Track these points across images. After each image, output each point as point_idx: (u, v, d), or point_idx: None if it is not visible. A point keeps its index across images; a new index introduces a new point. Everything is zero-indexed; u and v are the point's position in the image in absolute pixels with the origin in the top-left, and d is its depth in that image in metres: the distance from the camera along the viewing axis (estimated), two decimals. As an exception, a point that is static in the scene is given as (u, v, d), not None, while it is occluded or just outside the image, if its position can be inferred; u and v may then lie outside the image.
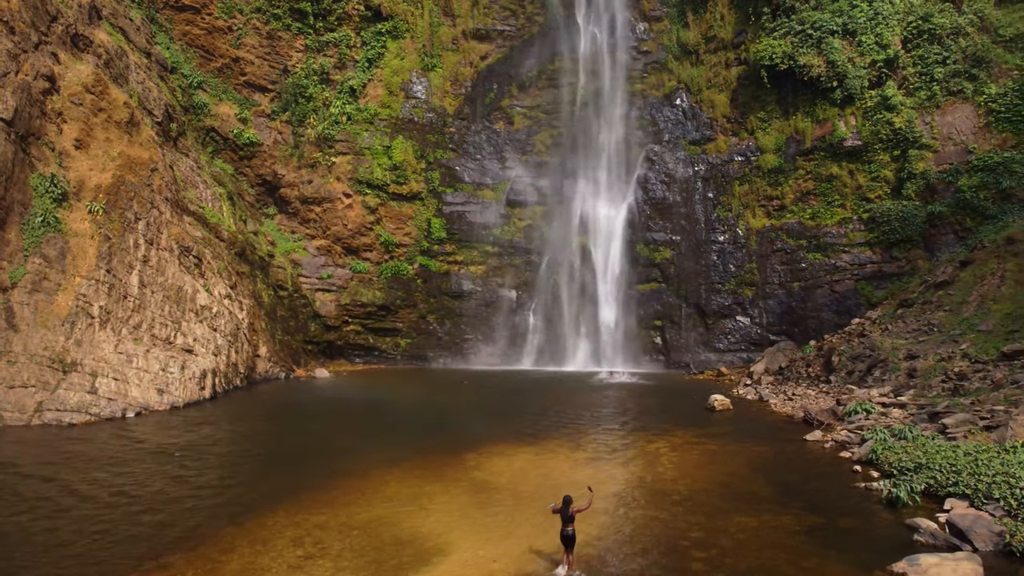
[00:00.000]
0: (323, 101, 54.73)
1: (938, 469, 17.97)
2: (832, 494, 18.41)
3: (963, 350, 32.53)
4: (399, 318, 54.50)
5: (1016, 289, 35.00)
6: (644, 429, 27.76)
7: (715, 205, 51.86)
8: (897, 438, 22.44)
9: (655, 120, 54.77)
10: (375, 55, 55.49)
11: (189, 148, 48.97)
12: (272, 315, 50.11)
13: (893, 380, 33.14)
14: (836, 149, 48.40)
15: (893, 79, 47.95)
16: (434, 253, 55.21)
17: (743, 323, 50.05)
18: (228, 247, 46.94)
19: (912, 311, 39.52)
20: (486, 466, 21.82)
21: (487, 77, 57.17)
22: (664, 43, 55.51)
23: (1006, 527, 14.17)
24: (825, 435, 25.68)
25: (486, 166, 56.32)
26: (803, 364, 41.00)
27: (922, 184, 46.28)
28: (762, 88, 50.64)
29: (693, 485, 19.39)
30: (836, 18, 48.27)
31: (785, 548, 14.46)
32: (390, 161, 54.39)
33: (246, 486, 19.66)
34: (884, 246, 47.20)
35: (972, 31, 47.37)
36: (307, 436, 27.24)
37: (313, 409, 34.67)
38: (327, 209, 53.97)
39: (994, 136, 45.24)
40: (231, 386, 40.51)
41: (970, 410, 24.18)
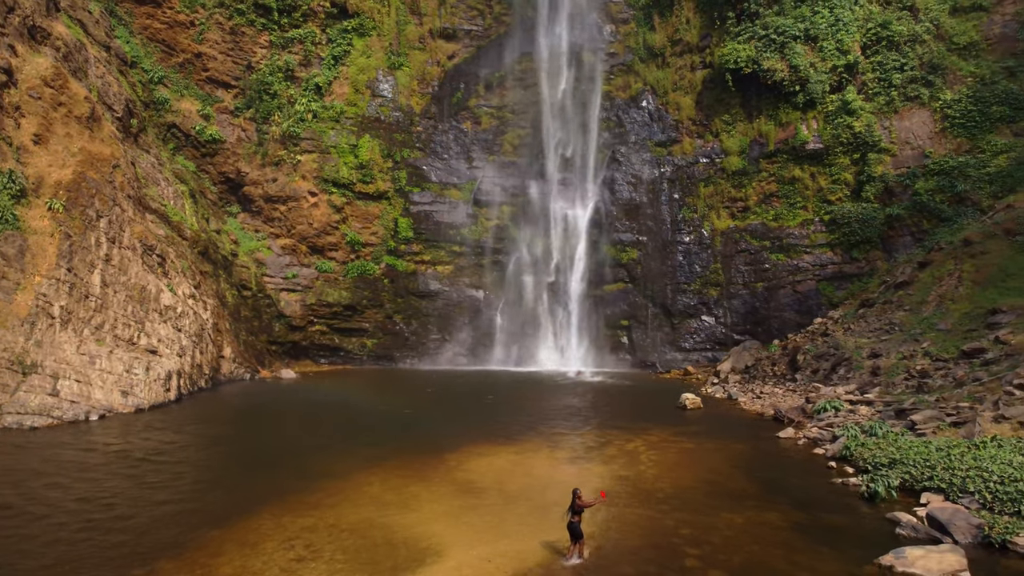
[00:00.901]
0: (288, 98, 53.99)
1: (912, 464, 18.47)
2: (812, 490, 18.78)
3: (924, 349, 33.46)
4: (365, 318, 54.04)
5: (973, 289, 36.12)
6: (620, 428, 27.96)
7: (681, 206, 52.50)
8: (867, 435, 23.01)
9: (622, 121, 55.24)
10: (341, 53, 54.93)
11: (150, 144, 47.87)
12: (236, 315, 49.26)
13: (858, 378, 33.94)
14: (798, 152, 49.36)
15: (853, 84, 49.10)
16: (401, 253, 54.87)
17: (708, 323, 50.76)
18: (191, 246, 46.00)
19: (873, 311, 40.51)
20: (468, 466, 21.76)
21: (454, 76, 57.02)
22: (631, 45, 56.01)
23: (984, 520, 14.62)
24: (797, 432, 26.21)
25: (453, 166, 56.18)
26: (769, 363, 41.74)
27: (881, 187, 47.45)
28: (727, 91, 51.42)
29: (676, 483, 19.60)
30: (798, 24, 49.24)
31: (775, 544, 14.71)
32: (356, 160, 53.89)
33: (224, 490, 19.29)
34: (844, 247, 48.28)
35: (928, 39, 48.77)
36: (281, 438, 26.87)
37: (283, 411, 34.19)
38: (292, 208, 53.25)
39: (949, 141, 46.61)
40: (196, 388, 39.72)
41: (936, 407, 24.90)
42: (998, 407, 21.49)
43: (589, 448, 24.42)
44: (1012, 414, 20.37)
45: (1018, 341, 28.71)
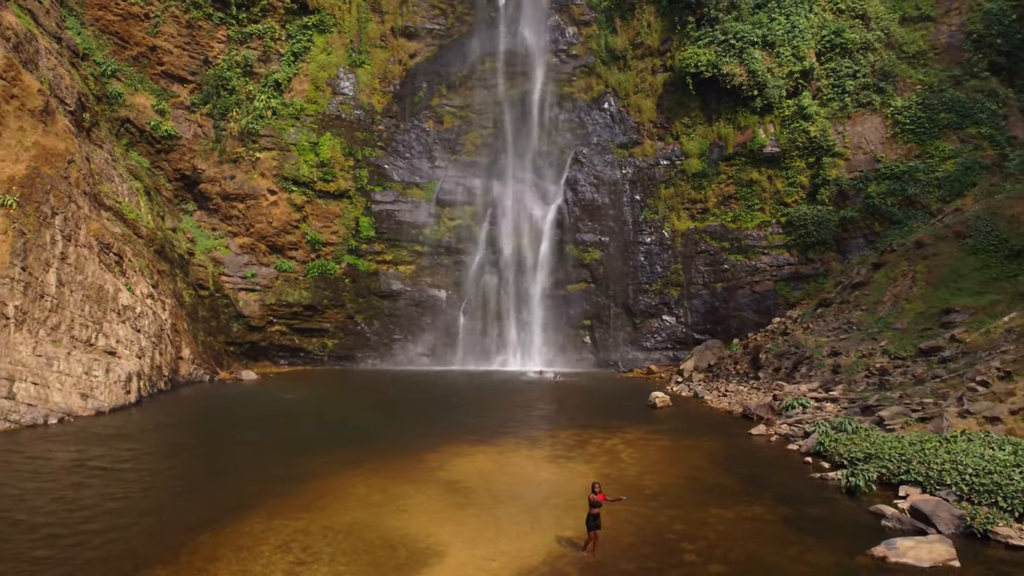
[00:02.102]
0: (246, 94, 52.97)
1: (888, 459, 19.10)
2: (793, 485, 19.28)
3: (882, 347, 34.60)
4: (326, 318, 53.37)
5: (926, 290, 37.49)
6: (595, 427, 28.22)
7: (642, 207, 53.19)
8: (838, 431, 23.69)
9: (584, 123, 55.71)
10: (301, 49, 54.13)
11: (103, 140, 46.44)
12: (194, 315, 48.13)
13: (820, 376, 34.93)
14: (756, 155, 50.46)
15: (808, 90, 50.42)
16: (362, 252, 54.35)
17: (669, 322, 51.53)
18: (147, 244, 44.79)
19: (831, 310, 41.71)
20: (450, 466, 21.72)
21: (416, 75, 56.73)
22: (593, 48, 56.50)
23: (966, 511, 15.22)
24: (768, 429, 26.84)
25: (416, 165, 55.88)
26: (731, 361, 42.60)
27: (835, 190, 48.81)
28: (687, 95, 52.26)
29: (661, 480, 19.90)
30: (756, 30, 50.35)
31: (767, 537, 15.08)
32: (317, 158, 53.18)
33: (206, 494, 18.88)
34: (800, 248, 49.53)
35: (880, 47, 50.38)
36: (253, 441, 26.40)
37: (250, 413, 33.54)
38: (251, 206, 52.26)
39: (900, 146, 48.21)
40: (155, 389, 38.74)
41: (900, 403, 25.78)
42: (962, 403, 22.36)
43: (568, 447, 24.60)
44: (977, 409, 21.22)
45: (973, 340, 29.89)
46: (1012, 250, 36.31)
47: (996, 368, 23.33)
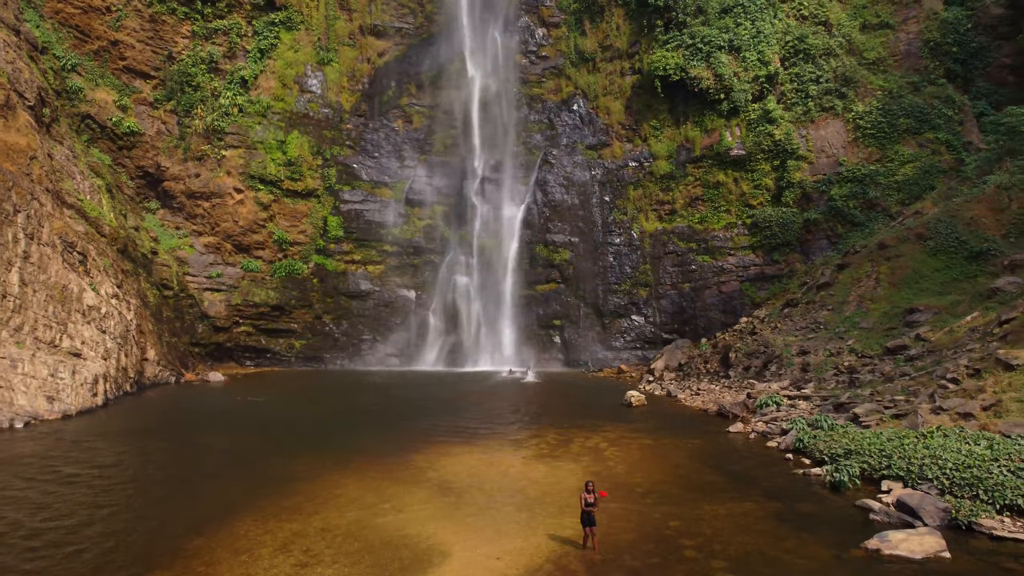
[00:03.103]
0: (212, 91, 52.09)
1: (869, 455, 19.64)
2: (778, 481, 19.70)
3: (850, 346, 35.50)
4: (294, 318, 52.75)
5: (890, 290, 38.55)
6: (575, 426, 28.41)
7: (611, 208, 53.68)
8: (814, 428, 24.26)
9: (553, 124, 56.01)
10: (268, 46, 53.40)
11: (63, 136, 45.24)
12: (158, 316, 47.18)
13: (790, 374, 35.69)
14: (723, 158, 51.28)
15: (773, 94, 51.43)
16: (331, 252, 53.85)
17: (638, 322, 52.10)
18: (110, 243, 43.78)
19: (798, 310, 42.61)
20: (439, 467, 21.70)
21: (385, 74, 56.40)
22: (562, 49, 56.83)
23: (950, 504, 15.76)
24: (746, 427, 27.34)
25: (384, 164, 55.55)
26: (701, 360, 43.25)
27: (799, 192, 49.88)
28: (655, 97, 52.87)
29: (649, 478, 20.16)
30: (723, 34, 51.17)
31: (762, 533, 15.40)
32: (285, 156, 52.55)
33: (192, 498, 18.59)
34: (766, 250, 50.50)
35: (841, 53, 51.64)
36: (230, 443, 26.00)
37: (223, 415, 32.99)
38: (216, 205, 51.41)
39: (861, 150, 49.49)
40: (121, 392, 37.92)
41: (872, 400, 26.47)
42: (934, 400, 23.08)
43: (552, 446, 24.75)
44: (949, 406, 21.94)
45: (937, 338, 30.84)
46: (971, 252, 37.55)
47: (965, 366, 24.13)
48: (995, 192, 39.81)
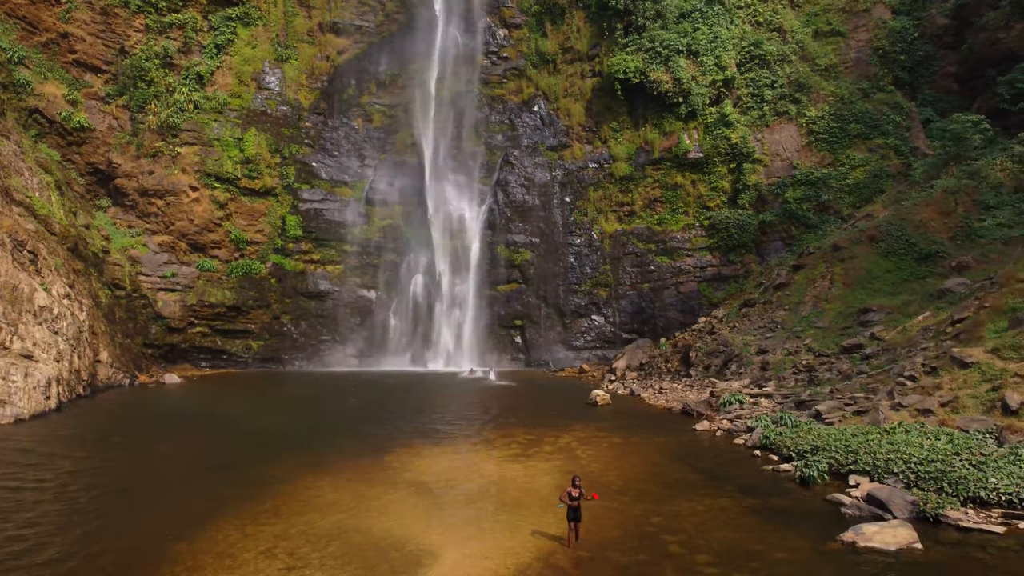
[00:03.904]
0: (166, 87, 50.89)
1: (835, 450, 20.27)
2: (749, 477, 20.20)
3: (807, 345, 36.48)
4: (251, 319, 51.89)
5: (844, 290, 39.73)
6: (543, 425, 28.60)
7: (572, 209, 54.13)
8: (778, 425, 24.92)
9: (514, 125, 56.22)
10: (224, 41, 52.42)
11: (10, 130, 43.77)
12: (110, 317, 45.94)
13: (750, 373, 36.51)
14: (681, 160, 52.14)
15: (730, 98, 52.51)
16: (289, 251, 53.14)
17: (598, 322, 52.65)
18: (60, 241, 42.48)
19: (755, 310, 43.60)
20: (414, 468, 21.66)
21: (345, 72, 55.85)
22: (523, 50, 57.07)
23: (918, 497, 16.39)
24: (711, 425, 27.92)
25: (344, 163, 55.04)
26: (662, 360, 43.92)
27: (755, 195, 51.02)
28: (615, 99, 53.47)
29: (624, 476, 20.46)
30: (681, 39, 52.02)
31: (741, 528, 15.80)
32: (242, 154, 51.66)
33: (164, 503, 18.24)
34: (722, 251, 51.52)
35: (795, 59, 53.00)
36: (197, 446, 25.54)
37: (184, 418, 32.29)
38: (171, 203, 50.27)
39: (814, 154, 50.85)
40: (74, 395, 36.78)
41: (832, 398, 27.29)
42: (893, 397, 23.92)
43: (524, 445, 24.90)
44: (908, 402, 22.76)
45: (891, 338, 31.92)
46: (920, 253, 38.94)
47: (922, 364, 25.05)
48: (942, 196, 41.33)
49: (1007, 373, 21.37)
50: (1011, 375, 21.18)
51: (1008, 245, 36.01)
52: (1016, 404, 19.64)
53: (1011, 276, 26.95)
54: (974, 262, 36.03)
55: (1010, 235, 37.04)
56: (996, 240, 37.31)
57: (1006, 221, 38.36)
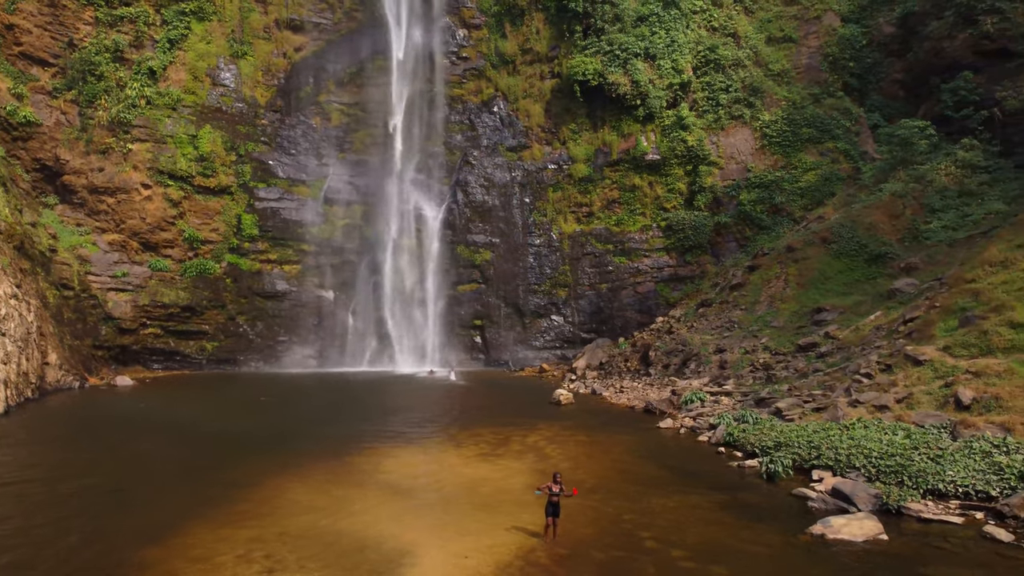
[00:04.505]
0: (117, 81, 49.55)
1: (798, 446, 20.88)
2: (716, 473, 20.68)
3: (763, 344, 37.35)
4: (205, 320, 50.88)
5: (798, 291, 40.79)
6: (509, 424, 28.74)
7: (531, 210, 54.38)
8: (740, 422, 25.51)
9: (474, 125, 56.24)
10: (178, 36, 51.28)
11: (-48, 124, 42.21)
12: (59, 318, 44.61)
13: (708, 372, 37.23)
14: (639, 162, 52.79)
15: (686, 101, 53.39)
16: (245, 251, 52.25)
17: (557, 322, 53.02)
18: (6, 240, 41.10)
19: (712, 310, 44.45)
20: (384, 468, 21.62)
21: (302, 70, 55.13)
22: (483, 51, 57.09)
23: (881, 490, 16.99)
24: (675, 423, 28.42)
25: (302, 162, 54.34)
26: (622, 359, 44.47)
27: (710, 197, 51.93)
28: (574, 101, 53.87)
29: (594, 474, 20.74)
30: (639, 42, 52.70)
31: (713, 523, 16.20)
32: (196, 151, 50.61)
33: (130, 508, 17.89)
34: (679, 251, 52.31)
35: (749, 64, 54.13)
36: (158, 450, 25.02)
37: (141, 421, 31.45)
38: (122, 201, 48.99)
39: (768, 157, 51.99)
40: (23, 398, 35.70)
41: (791, 395, 28.05)
42: (850, 394, 24.70)
43: (492, 444, 25.02)
44: (865, 399, 23.53)
45: (845, 336, 32.91)
46: (871, 255, 40.24)
47: (876, 362, 25.90)
48: (891, 199, 42.73)
49: (958, 370, 22.26)
50: (962, 372, 22.07)
51: (953, 247, 37.44)
52: (968, 400, 20.48)
53: (959, 277, 28.04)
54: (922, 263, 37.36)
55: (955, 237, 38.50)
56: (942, 242, 38.75)
57: (951, 224, 39.84)
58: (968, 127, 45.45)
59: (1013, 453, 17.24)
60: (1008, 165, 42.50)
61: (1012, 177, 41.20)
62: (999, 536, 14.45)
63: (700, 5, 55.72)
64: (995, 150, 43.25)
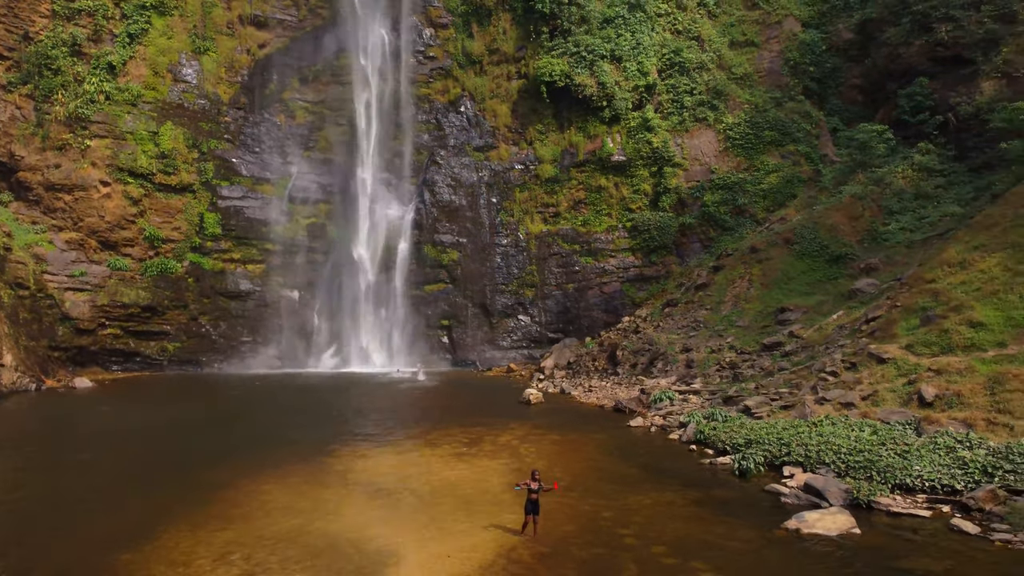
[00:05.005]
0: (75, 76, 48.36)
1: (768, 443, 21.30)
2: (689, 471, 20.99)
3: (729, 343, 37.97)
4: (167, 320, 49.93)
5: (762, 291, 41.53)
6: (480, 424, 28.78)
7: (499, 210, 54.45)
8: (710, 420, 25.91)
9: (441, 125, 56.12)
10: (138, 31, 50.22)
11: (-99, 118, 40.81)
12: (14, 318, 43.42)
13: (675, 371, 37.70)
14: (605, 163, 53.20)
15: (651, 103, 53.96)
16: (207, 250, 51.40)
17: (525, 322, 53.18)
18: (-41, 238, 39.93)
19: (678, 309, 45.02)
20: (359, 469, 21.53)
21: (266, 67, 54.45)
22: (450, 51, 56.98)
23: (851, 485, 17.44)
24: (645, 422, 28.74)
25: (266, 160, 53.65)
26: (589, 358, 44.81)
27: (675, 198, 52.55)
28: (541, 102, 54.05)
29: (569, 472, 20.90)
30: (605, 44, 53.13)
31: (690, 519, 16.47)
32: (157, 148, 49.64)
33: (103, 511, 17.59)
34: (644, 252, 52.85)
35: (713, 67, 54.93)
36: (126, 453, 24.58)
37: (106, 424, 30.79)
38: (80, 198, 47.84)
39: (731, 159, 52.81)
40: (-23, 401, 34.71)
41: (758, 393, 28.58)
42: (817, 391, 25.27)
43: (465, 444, 25.05)
44: (831, 396, 24.11)
45: (809, 335, 33.63)
46: (832, 256, 41.16)
47: (841, 360, 26.54)
48: (850, 201, 43.74)
49: (921, 368, 22.93)
50: (924, 370, 22.73)
51: (911, 248, 38.50)
52: (931, 397, 21.11)
53: (919, 278, 28.85)
54: (881, 264, 38.34)
55: (912, 239, 39.59)
56: (900, 243, 39.82)
57: (908, 225, 40.95)
58: (924, 132, 46.72)
59: (976, 448, 17.84)
60: (962, 169, 43.82)
61: (966, 181, 42.50)
62: (967, 529, 14.97)
63: (665, 8, 56.39)
64: (950, 154, 44.54)
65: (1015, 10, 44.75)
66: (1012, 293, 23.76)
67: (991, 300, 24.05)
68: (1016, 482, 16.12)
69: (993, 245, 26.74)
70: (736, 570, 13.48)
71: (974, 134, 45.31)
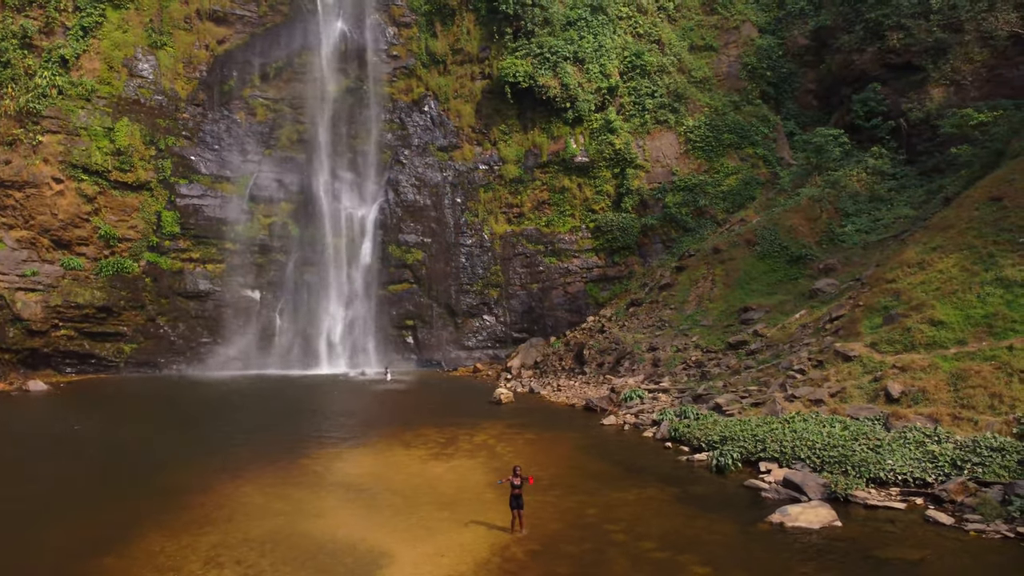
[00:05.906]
0: (25, 69, 46.85)
1: (744, 440, 21.81)
2: (666, 468, 21.38)
3: (694, 342, 38.67)
4: (123, 321, 48.72)
5: (725, 291, 42.37)
6: (453, 424, 28.83)
7: (463, 210, 54.44)
8: (682, 418, 26.38)
9: (404, 124, 55.86)
10: (92, 24, 48.87)
11: None
12: (-37, 319, 41.95)
13: (642, 369, 38.25)
14: (568, 164, 53.60)
15: (613, 105, 54.54)
16: (165, 249, 50.31)
17: (489, 322, 53.29)
18: (-96, 237, 38.41)
19: (643, 309, 45.63)
20: (337, 470, 21.43)
21: (225, 63, 53.46)
22: (413, 50, 56.71)
23: (829, 479, 17.99)
24: (617, 420, 29.12)
25: (225, 158, 52.70)
26: (556, 358, 45.15)
27: (637, 199, 53.22)
28: (505, 102, 54.16)
29: (548, 471, 21.10)
30: (568, 46, 53.51)
31: (672, 515, 16.82)
32: (113, 145, 48.38)
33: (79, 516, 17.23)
34: (607, 252, 53.42)
35: (673, 71, 55.77)
36: (87, 457, 24.08)
37: (63, 427, 29.96)
38: (31, 195, 46.37)
39: (692, 161, 53.73)
40: (-73, 406, 33.46)
41: (727, 391, 29.17)
42: (786, 389, 25.93)
43: (441, 444, 25.09)
44: (800, 394, 24.78)
45: (773, 334, 34.45)
46: (792, 256, 42.26)
47: (808, 358, 27.28)
48: (808, 203, 44.94)
49: (886, 365, 23.72)
50: (889, 367, 23.53)
51: (867, 249, 39.75)
52: (897, 393, 21.87)
53: (879, 278, 29.80)
54: (839, 265, 39.47)
55: (868, 240, 40.90)
56: (856, 245, 41.12)
57: (863, 227, 42.28)
58: (877, 136, 48.27)
59: (944, 442, 18.57)
60: (913, 172, 45.41)
61: (917, 184, 44.04)
62: (941, 519, 15.60)
63: (626, 12, 57.02)
64: (902, 158, 46.10)
65: (962, 20, 46.45)
66: (970, 292, 24.73)
67: (950, 299, 24.99)
68: (985, 474, 16.86)
69: (950, 246, 27.78)
70: (725, 563, 13.83)
71: (925, 139, 47.00)
